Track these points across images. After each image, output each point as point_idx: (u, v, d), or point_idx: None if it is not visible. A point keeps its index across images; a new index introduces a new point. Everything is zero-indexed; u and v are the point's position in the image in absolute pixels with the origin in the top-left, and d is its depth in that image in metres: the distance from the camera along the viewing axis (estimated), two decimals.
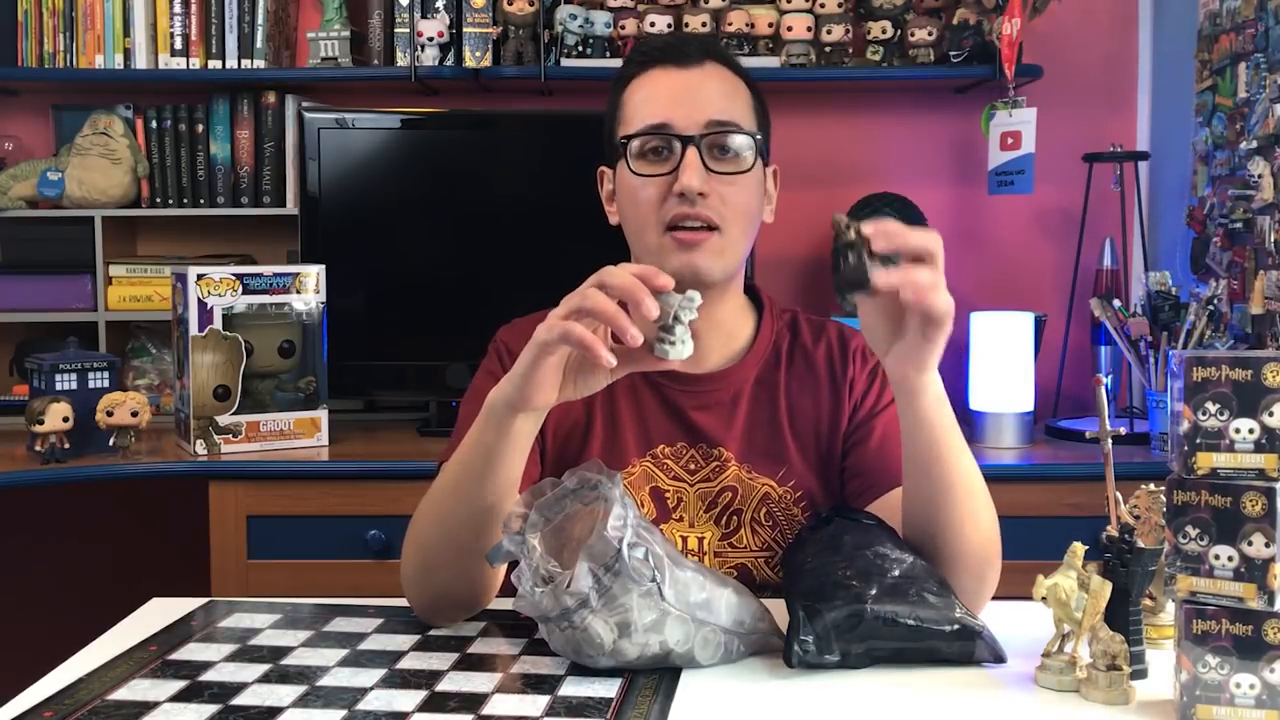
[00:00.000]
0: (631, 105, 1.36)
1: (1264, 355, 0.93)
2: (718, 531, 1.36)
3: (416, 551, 1.22)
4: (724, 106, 1.33)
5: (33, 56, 2.68)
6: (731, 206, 1.32)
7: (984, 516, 1.22)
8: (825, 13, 2.64)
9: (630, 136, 1.33)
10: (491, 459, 1.14)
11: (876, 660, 1.09)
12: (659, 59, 1.36)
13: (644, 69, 1.36)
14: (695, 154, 1.30)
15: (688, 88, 1.33)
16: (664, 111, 1.32)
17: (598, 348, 1.05)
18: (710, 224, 1.30)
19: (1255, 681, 0.94)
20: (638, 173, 1.33)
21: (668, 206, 1.31)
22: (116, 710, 1.00)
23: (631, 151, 1.33)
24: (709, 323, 1.38)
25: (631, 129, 1.34)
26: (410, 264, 2.62)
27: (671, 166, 1.31)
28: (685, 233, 1.30)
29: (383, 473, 2.24)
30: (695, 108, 1.31)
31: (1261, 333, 2.25)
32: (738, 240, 1.34)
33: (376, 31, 2.72)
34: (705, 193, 1.29)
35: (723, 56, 1.38)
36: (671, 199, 1.30)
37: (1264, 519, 0.93)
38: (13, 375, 2.72)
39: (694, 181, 1.29)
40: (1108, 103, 2.81)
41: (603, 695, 1.02)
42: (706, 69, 1.35)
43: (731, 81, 1.36)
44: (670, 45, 1.38)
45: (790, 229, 2.58)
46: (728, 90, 1.35)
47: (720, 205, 1.31)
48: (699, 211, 1.30)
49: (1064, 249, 2.73)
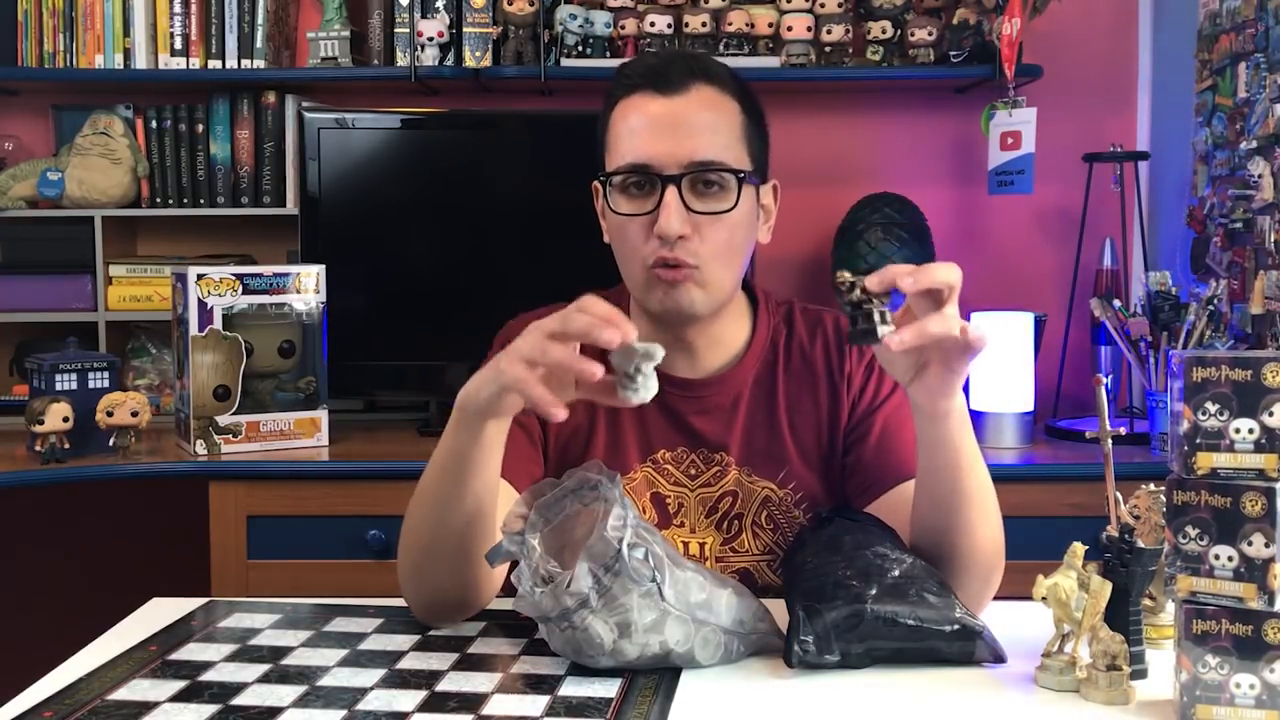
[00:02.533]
0: (615, 135, 1.33)
1: (1264, 355, 0.93)
2: (719, 536, 1.36)
3: (407, 555, 1.22)
4: (708, 140, 1.28)
5: (33, 56, 2.68)
6: (712, 245, 1.29)
7: (994, 523, 1.22)
8: (825, 13, 2.64)
9: (609, 174, 1.31)
10: (466, 462, 1.14)
11: (876, 660, 1.09)
12: (642, 84, 1.31)
13: (628, 93, 1.32)
14: (675, 195, 1.26)
15: (670, 121, 1.28)
16: (645, 148, 1.28)
17: (549, 408, 1.04)
18: (685, 265, 1.28)
19: (1255, 681, 0.94)
20: (617, 211, 1.31)
21: (649, 246, 1.28)
22: (116, 710, 1.00)
23: (613, 186, 1.31)
24: (706, 337, 1.38)
25: (614, 163, 1.31)
26: (410, 264, 2.62)
27: (653, 205, 1.28)
28: (667, 270, 1.28)
29: (383, 473, 2.24)
30: (677, 144, 1.27)
31: (1261, 333, 2.25)
32: (721, 275, 1.31)
33: (376, 31, 2.72)
34: (685, 235, 1.27)
35: (710, 75, 1.32)
36: (653, 239, 1.28)
37: (1264, 519, 0.93)
38: (13, 375, 2.72)
39: (673, 226, 1.26)
40: (1108, 103, 2.81)
41: (603, 695, 1.02)
42: (691, 95, 1.29)
43: (718, 106, 1.31)
44: (653, 69, 1.32)
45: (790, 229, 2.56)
46: (713, 119, 1.30)
47: (700, 246, 1.28)
48: (677, 255, 1.27)
49: (1064, 249, 2.73)
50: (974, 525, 1.20)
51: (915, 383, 1.13)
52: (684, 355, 1.38)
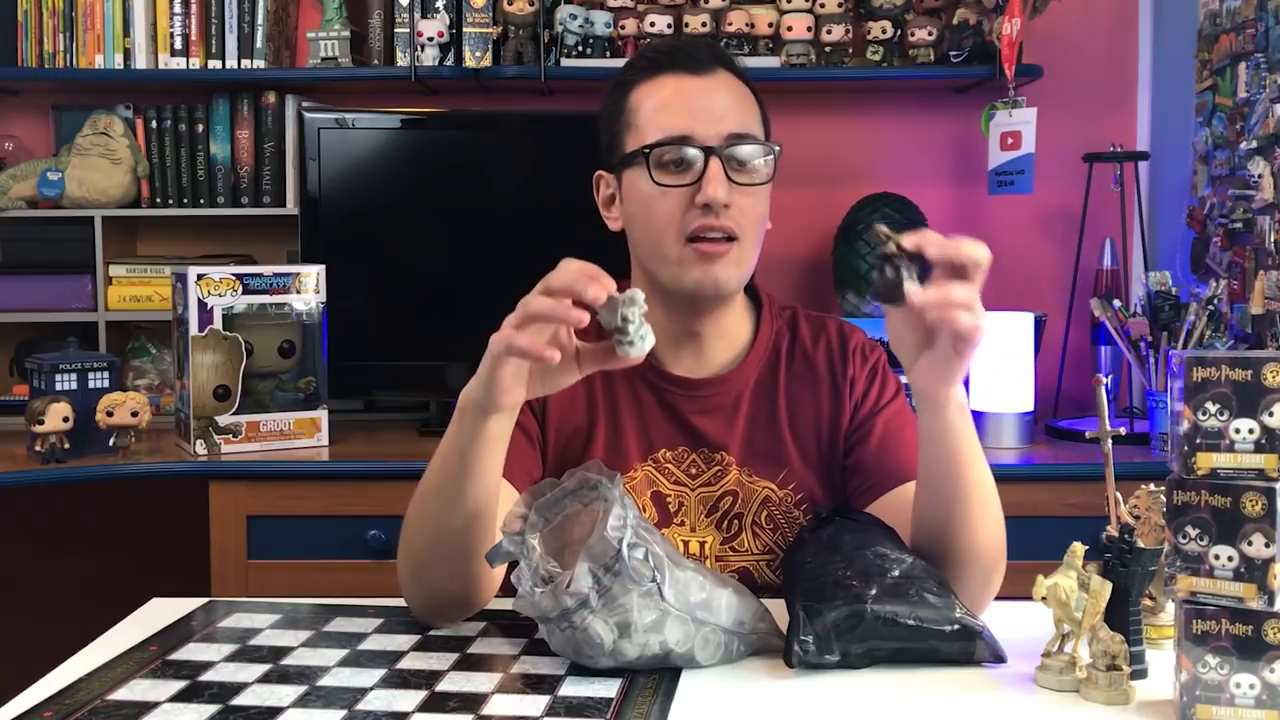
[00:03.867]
0: (644, 113, 1.33)
1: (1264, 355, 0.93)
2: (719, 536, 1.36)
3: (407, 555, 1.22)
4: (740, 118, 1.32)
5: (33, 56, 2.68)
6: (750, 217, 1.31)
7: (995, 521, 1.22)
8: (825, 13, 2.64)
9: (652, 146, 1.31)
10: (468, 460, 1.14)
11: (876, 660, 1.09)
12: (669, 65, 1.34)
13: (652, 75, 1.34)
14: (719, 165, 1.28)
15: (704, 97, 1.32)
16: (684, 122, 1.30)
17: (540, 352, 1.06)
18: (731, 235, 1.30)
19: (1255, 681, 0.94)
20: (657, 183, 1.31)
21: (689, 217, 1.29)
22: (116, 710, 1.00)
23: (647, 162, 1.31)
24: (715, 330, 1.38)
25: (648, 138, 1.31)
26: (410, 264, 2.62)
27: (693, 178, 1.29)
28: (707, 244, 1.29)
29: (383, 473, 2.24)
30: (714, 118, 1.30)
31: (1261, 333, 2.25)
32: (752, 251, 1.34)
33: (376, 31, 2.72)
34: (728, 204, 1.29)
35: (730, 64, 1.37)
36: (694, 210, 1.29)
37: (1264, 519, 0.93)
38: (13, 375, 2.72)
39: (720, 193, 1.27)
40: (1108, 103, 2.81)
41: (603, 695, 1.02)
42: (719, 77, 1.34)
43: (742, 90, 1.35)
44: (680, 50, 1.36)
45: (790, 229, 2.57)
46: (740, 100, 1.34)
47: (740, 216, 1.30)
48: (722, 223, 1.29)
49: (1064, 249, 2.73)
50: (974, 523, 1.20)
51: (918, 366, 1.14)
52: (689, 350, 1.39)
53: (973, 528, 1.20)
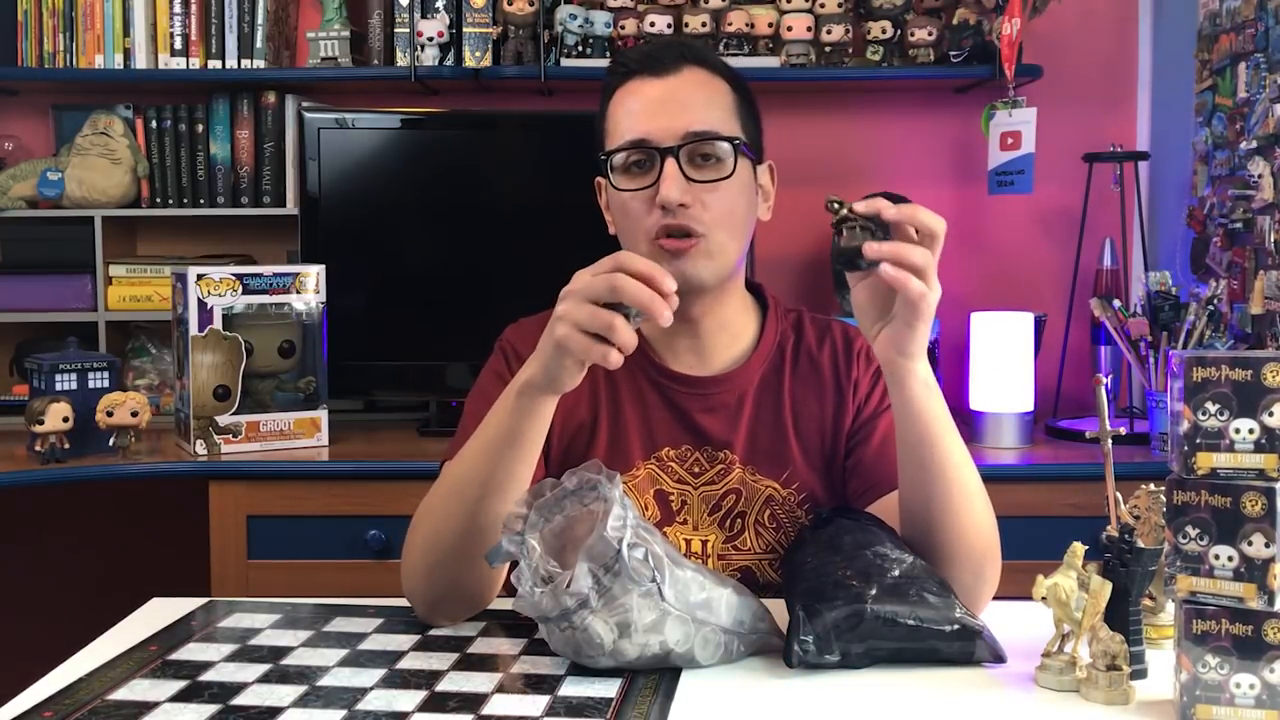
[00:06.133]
0: (613, 119, 1.37)
1: (1264, 355, 0.93)
2: (721, 534, 1.37)
3: (424, 549, 1.22)
4: (702, 114, 1.33)
5: (33, 56, 2.68)
6: (714, 212, 1.32)
7: (979, 510, 1.23)
8: (825, 13, 2.64)
9: (610, 153, 1.35)
10: (518, 440, 1.17)
11: (876, 660, 1.09)
12: (636, 69, 1.36)
13: (623, 80, 1.37)
14: (674, 165, 1.30)
15: (664, 98, 1.33)
16: (642, 125, 1.32)
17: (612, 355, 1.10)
18: (692, 232, 1.31)
19: (1255, 681, 0.94)
20: (619, 188, 1.34)
21: (652, 218, 1.31)
22: (116, 710, 1.00)
23: (614, 166, 1.35)
24: (715, 323, 1.39)
25: (613, 144, 1.35)
26: (410, 264, 2.62)
27: (652, 179, 1.31)
28: (670, 240, 1.31)
29: (383, 473, 2.24)
30: (672, 118, 1.32)
31: (1261, 333, 2.25)
32: (725, 244, 1.34)
33: (376, 31, 2.72)
34: (686, 203, 1.30)
35: (701, 58, 1.37)
36: (655, 211, 1.31)
37: (1264, 519, 0.93)
38: (13, 375, 2.72)
39: (673, 193, 1.29)
40: (1108, 103, 2.81)
41: (603, 695, 1.02)
42: (684, 75, 1.35)
43: (710, 85, 1.36)
44: (646, 54, 1.38)
45: (790, 229, 2.57)
46: (706, 96, 1.35)
47: (702, 212, 1.31)
48: (680, 222, 1.31)
49: (1064, 249, 2.73)
50: (956, 508, 1.20)
51: (880, 337, 1.17)
52: (691, 349, 1.40)
53: (955, 514, 1.20)
